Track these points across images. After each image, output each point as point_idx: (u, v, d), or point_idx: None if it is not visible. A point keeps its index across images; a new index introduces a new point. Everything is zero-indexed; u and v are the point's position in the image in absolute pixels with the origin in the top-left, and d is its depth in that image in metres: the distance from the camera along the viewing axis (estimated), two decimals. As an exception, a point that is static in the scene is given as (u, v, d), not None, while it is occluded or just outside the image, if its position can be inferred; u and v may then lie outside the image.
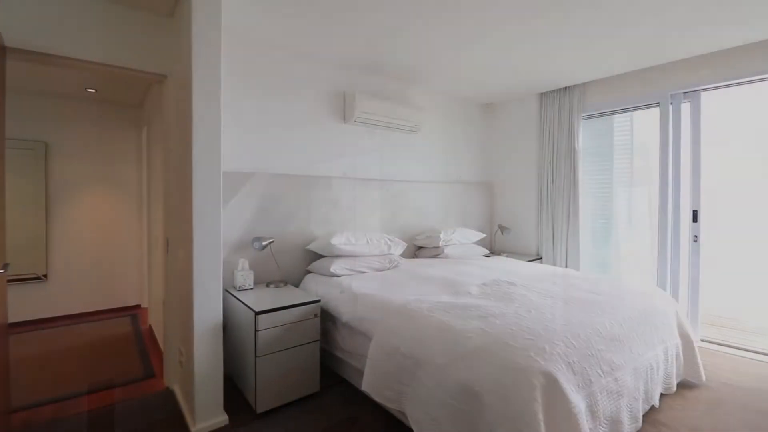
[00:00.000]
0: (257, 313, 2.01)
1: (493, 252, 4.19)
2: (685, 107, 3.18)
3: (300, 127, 2.95)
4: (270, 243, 2.52)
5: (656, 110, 3.31)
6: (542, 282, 2.48)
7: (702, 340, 3.12)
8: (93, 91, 3.67)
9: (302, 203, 2.90)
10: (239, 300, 2.22)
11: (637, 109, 3.47)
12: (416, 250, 3.67)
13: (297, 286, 2.81)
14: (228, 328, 2.41)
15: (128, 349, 3.08)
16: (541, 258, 3.97)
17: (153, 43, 2.24)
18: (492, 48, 2.85)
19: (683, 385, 2.38)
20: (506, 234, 4.12)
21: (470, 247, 3.65)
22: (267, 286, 2.54)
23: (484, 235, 3.97)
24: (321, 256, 2.85)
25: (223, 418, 2.00)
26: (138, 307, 4.23)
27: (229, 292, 2.39)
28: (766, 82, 2.83)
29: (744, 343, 3.09)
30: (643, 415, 1.93)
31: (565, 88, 3.79)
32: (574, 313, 1.87)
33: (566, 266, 3.75)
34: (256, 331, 2.02)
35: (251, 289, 2.44)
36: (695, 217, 3.10)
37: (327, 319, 2.45)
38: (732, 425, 1.99)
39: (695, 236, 3.10)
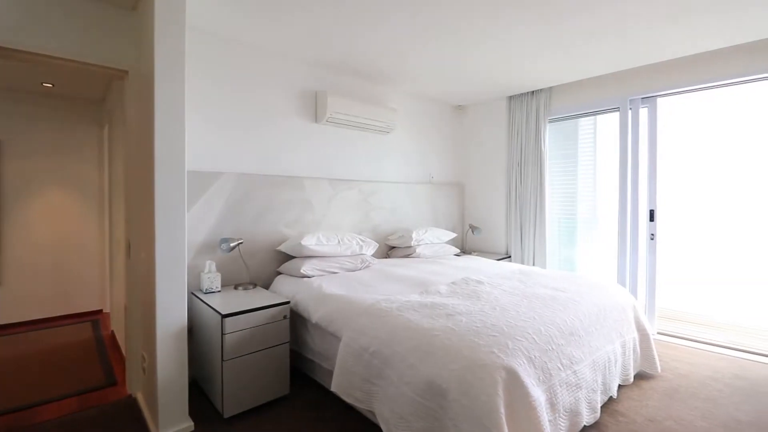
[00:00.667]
0: (224, 316, 1.97)
1: (465, 251, 4.27)
2: (643, 112, 3.34)
3: (270, 126, 2.92)
4: (239, 244, 2.47)
5: (617, 114, 3.46)
6: (509, 280, 2.55)
7: (659, 333, 3.29)
8: (50, 85, 3.49)
9: (272, 204, 2.86)
10: (205, 303, 2.17)
11: (600, 113, 3.62)
12: (389, 250, 3.69)
13: (267, 287, 2.77)
14: (194, 331, 2.35)
15: (88, 356, 2.95)
16: (510, 257, 4.07)
17: (114, 37, 2.15)
18: (461, 51, 2.91)
19: (640, 377, 2.50)
20: (477, 233, 4.21)
21: (442, 246, 3.70)
22: (235, 288, 2.50)
23: (456, 235, 4.04)
24: (292, 257, 2.82)
25: (188, 425, 1.95)
26: (100, 312, 4.05)
27: (195, 295, 2.33)
28: (718, 89, 3.02)
29: (697, 335, 3.28)
30: (602, 406, 2.02)
31: (533, 92, 3.90)
32: (536, 310, 1.94)
33: (534, 264, 3.87)
34: (222, 334, 1.98)
35: (219, 291, 2.39)
36: (652, 216, 3.26)
37: (297, 320, 2.43)
38: (684, 413, 2.11)
39: (652, 234, 3.27)
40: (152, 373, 1.94)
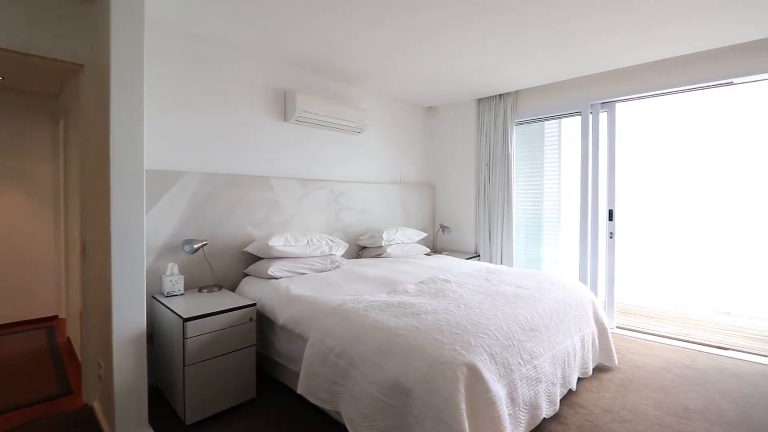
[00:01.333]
0: (185, 320, 1.92)
1: (435, 250, 4.33)
2: (603, 116, 3.49)
3: (237, 124, 2.86)
4: (203, 245, 2.41)
5: (579, 118, 3.61)
6: (475, 278, 2.61)
7: (618, 327, 3.45)
8: (-2, 78, 3.29)
9: (239, 204, 2.81)
10: (167, 307, 2.11)
11: (563, 117, 3.76)
12: (360, 251, 3.69)
13: (234, 290, 2.71)
14: (155, 336, 2.27)
15: (42, 364, 2.79)
16: (479, 255, 4.16)
17: (69, 28, 2.05)
18: (431, 54, 2.95)
19: (599, 369, 2.61)
20: (447, 233, 4.27)
21: (412, 246, 3.74)
22: (200, 291, 2.43)
23: (426, 235, 4.09)
24: (259, 259, 2.78)
25: (147, 433, 1.88)
26: (55, 318, 3.84)
27: (156, 299, 2.25)
28: (671, 95, 3.20)
29: (653, 328, 3.46)
30: (562, 399, 2.10)
31: (500, 95, 4.00)
32: (499, 307, 1.99)
33: (501, 263, 3.97)
34: (184, 338, 1.92)
35: (181, 294, 2.32)
36: (611, 216, 3.42)
37: (264, 323, 2.39)
38: (638, 403, 2.22)
39: (611, 233, 3.42)
40: (109, 381, 1.86)
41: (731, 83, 2.90)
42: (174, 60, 2.52)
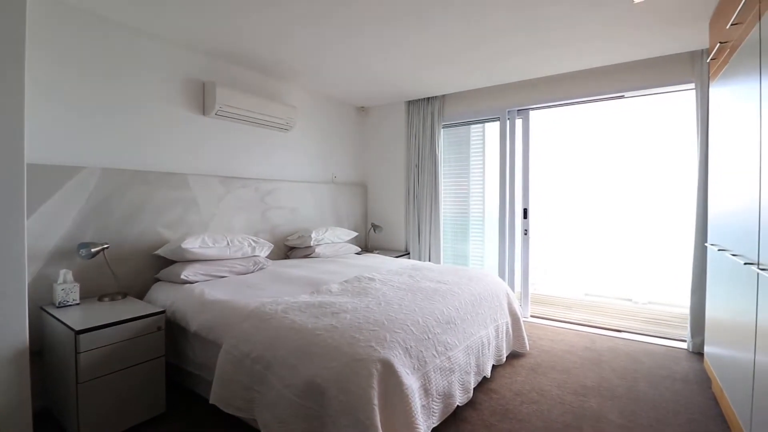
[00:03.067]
0: (78, 333, 1.72)
1: (367, 249, 4.37)
2: (519, 122, 3.77)
3: (147, 116, 2.62)
4: (103, 249, 2.18)
5: (497, 123, 3.86)
6: (400, 276, 2.67)
7: (532, 316, 3.74)
8: None
9: (150, 203, 2.58)
10: (57, 319, 1.87)
11: (486, 122, 3.99)
12: (288, 251, 3.60)
13: (142, 297, 2.49)
14: (45, 353, 2.01)
15: None
16: (408, 253, 4.27)
17: None
18: (356, 53, 2.96)
19: (512, 356, 2.82)
20: (378, 232, 4.33)
21: (343, 245, 3.73)
22: (100, 299, 2.20)
23: (357, 234, 4.10)
24: (172, 262, 2.58)
25: (30, 463, 1.66)
26: None
27: (45, 311, 1.99)
28: (576, 105, 3.55)
29: (563, 316, 3.81)
30: (477, 386, 2.23)
31: (428, 98, 4.14)
32: (418, 302, 2.06)
33: (429, 260, 4.11)
34: (77, 353, 1.72)
35: (77, 304, 2.08)
36: (525, 214, 3.70)
37: (176, 330, 2.22)
38: (545, 384, 2.43)
39: (525, 230, 3.71)
40: (-21, 408, 1.61)
41: (623, 96, 3.30)
42: (73, 42, 2.24)
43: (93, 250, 2.12)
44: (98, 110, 2.38)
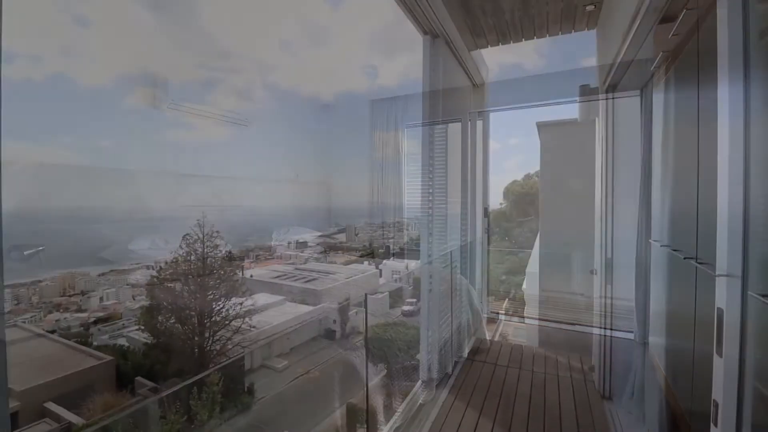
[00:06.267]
0: None
1: (333, 249, 4.29)
2: (480, 123, 3.86)
3: (80, 107, 2.42)
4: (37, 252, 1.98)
5: (459, 124, 3.92)
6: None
7: (492, 312, 3.85)
8: None
9: (90, 203, 2.38)
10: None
11: (448, 122, 4.04)
12: (248, 251, 3.46)
13: None
14: None
15: None
16: (372, 253, 4.24)
17: None
18: (322, 50, 2.89)
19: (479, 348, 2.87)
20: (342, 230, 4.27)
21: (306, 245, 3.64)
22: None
23: (320, 233, 4.03)
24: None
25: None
26: None
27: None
28: (531, 108, 3.68)
29: (527, 312, 3.93)
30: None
31: (393, 97, 4.14)
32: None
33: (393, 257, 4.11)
34: None
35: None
36: (486, 213, 3.79)
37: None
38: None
39: (486, 228, 3.80)
40: None
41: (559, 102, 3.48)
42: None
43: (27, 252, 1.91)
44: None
